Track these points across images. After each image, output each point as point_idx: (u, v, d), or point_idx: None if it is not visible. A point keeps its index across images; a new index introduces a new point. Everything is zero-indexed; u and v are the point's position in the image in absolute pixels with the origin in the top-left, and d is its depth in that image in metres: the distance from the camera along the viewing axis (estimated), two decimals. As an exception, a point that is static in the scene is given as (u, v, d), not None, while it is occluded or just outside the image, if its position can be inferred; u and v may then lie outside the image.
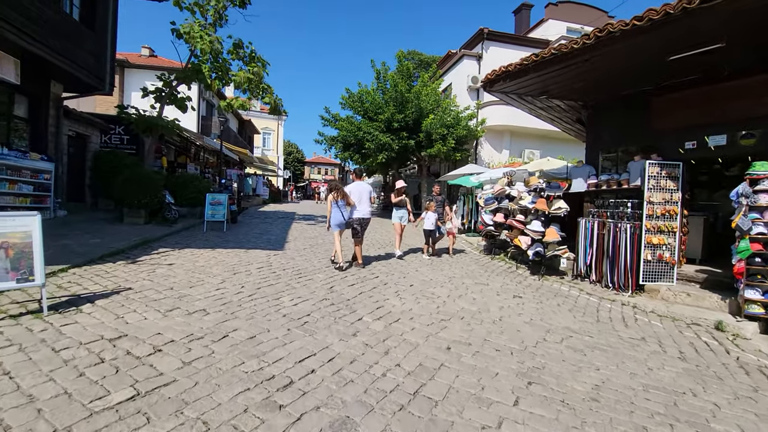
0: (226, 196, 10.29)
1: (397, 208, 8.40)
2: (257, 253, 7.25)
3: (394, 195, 8.44)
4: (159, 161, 15.12)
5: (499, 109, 16.66)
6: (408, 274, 6.64)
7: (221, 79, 10.50)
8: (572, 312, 5.25)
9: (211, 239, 8.65)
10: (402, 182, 8.48)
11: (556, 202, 7.32)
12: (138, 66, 19.54)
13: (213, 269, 5.77)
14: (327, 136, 17.08)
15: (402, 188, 8.34)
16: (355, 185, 7.09)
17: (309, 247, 8.47)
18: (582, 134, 10.75)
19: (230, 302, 4.30)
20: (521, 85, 7.22)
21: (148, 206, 9.69)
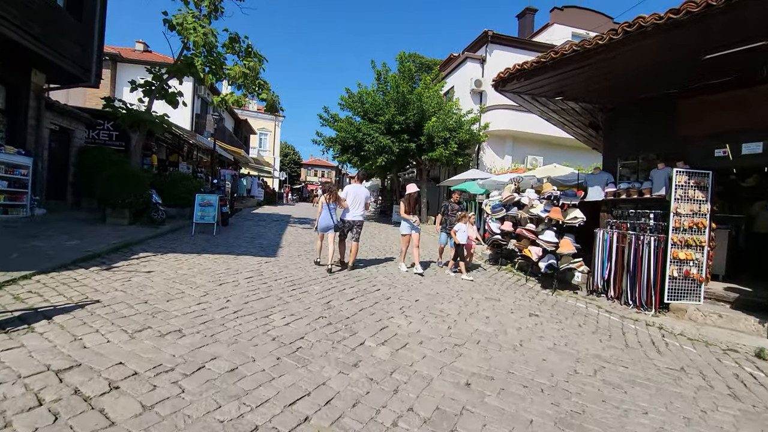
0: (216, 197, 9.70)
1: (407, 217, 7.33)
2: (247, 260, 6.66)
3: (405, 203, 7.19)
4: (149, 159, 14.52)
5: (502, 113, 16.24)
6: (412, 286, 6.08)
7: (215, 74, 9.93)
8: (597, 335, 4.72)
9: (199, 243, 8.05)
10: (414, 186, 7.34)
11: (572, 212, 6.81)
12: (131, 60, 18.91)
13: (196, 278, 5.17)
14: (325, 137, 16.54)
15: (415, 194, 7.24)
16: (352, 187, 6.95)
17: (304, 254, 7.88)
18: (592, 140, 10.31)
19: (212, 320, 3.71)
20: (536, 85, 6.73)
21: (132, 206, 9.06)
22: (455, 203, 7.87)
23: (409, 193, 7.23)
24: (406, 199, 7.20)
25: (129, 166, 9.31)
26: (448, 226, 7.69)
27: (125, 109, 9.43)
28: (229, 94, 9.96)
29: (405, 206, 7.19)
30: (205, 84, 9.76)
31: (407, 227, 7.25)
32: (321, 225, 6.59)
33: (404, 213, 7.20)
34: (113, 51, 19.28)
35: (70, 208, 11.01)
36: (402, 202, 7.25)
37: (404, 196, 7.31)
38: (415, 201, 7.28)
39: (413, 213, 7.28)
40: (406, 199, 7.21)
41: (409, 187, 7.35)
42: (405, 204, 7.19)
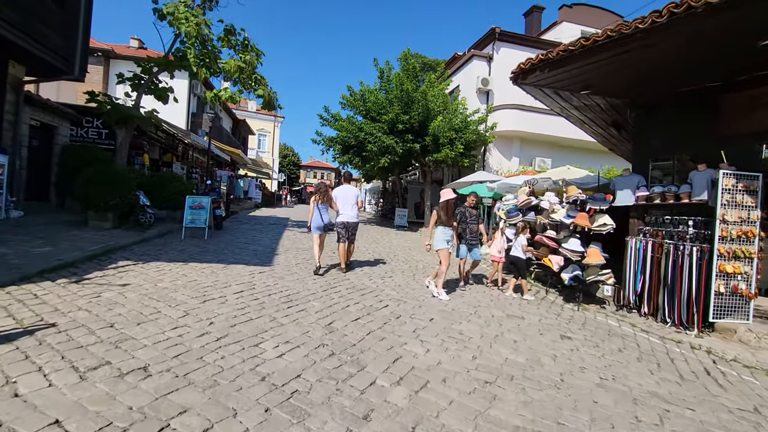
0: (208, 199, 9.02)
1: (443, 228, 5.99)
2: (239, 270, 5.97)
3: (441, 212, 5.96)
4: (140, 158, 13.86)
5: (510, 113, 15.61)
6: (424, 302, 5.40)
7: (209, 68, 9.27)
8: (643, 363, 4.04)
9: (187, 249, 7.36)
10: (451, 192, 6.09)
11: (600, 218, 6.15)
12: (124, 57, 18.23)
13: (178, 294, 4.48)
14: (325, 137, 15.86)
15: (453, 201, 6.07)
16: (341, 189, 6.87)
17: (302, 262, 7.20)
18: (612, 140, 9.69)
19: (188, 352, 3.03)
20: (561, 77, 6.09)
21: (117, 208, 8.38)
22: (471, 208, 6.81)
23: (447, 199, 5.97)
24: (443, 207, 5.96)
25: (113, 166, 8.63)
26: (470, 236, 6.59)
27: (110, 103, 8.75)
28: (224, 90, 9.30)
29: (441, 216, 5.96)
30: (199, 78, 9.11)
31: (443, 240, 5.92)
32: (313, 225, 6.58)
33: (434, 224, 6.01)
34: (106, 47, 18.63)
35: (54, 209, 10.31)
36: (436, 211, 6.00)
37: (439, 203, 6.05)
38: (453, 209, 6.13)
39: (451, 224, 6.04)
40: (443, 206, 5.96)
41: (445, 193, 6.09)
42: (441, 213, 5.96)
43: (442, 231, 5.94)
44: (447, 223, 5.88)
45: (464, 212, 6.66)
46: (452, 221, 5.94)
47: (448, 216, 5.88)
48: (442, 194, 6.05)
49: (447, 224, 5.89)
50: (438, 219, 5.93)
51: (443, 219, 5.91)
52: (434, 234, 6.01)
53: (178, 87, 19.62)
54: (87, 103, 9.14)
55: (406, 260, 8.75)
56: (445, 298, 5.60)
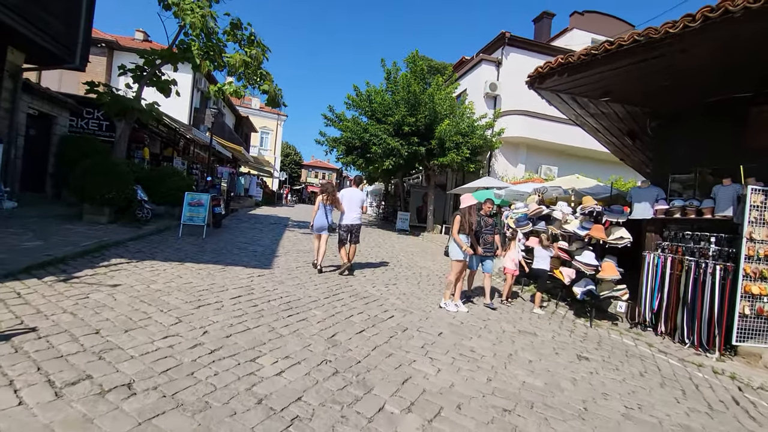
0: (208, 197, 8.75)
1: (466, 237, 5.49)
2: (237, 272, 5.69)
3: (462, 218, 5.43)
4: (140, 152, 13.61)
5: (517, 119, 15.37)
6: (430, 313, 5.12)
7: (213, 61, 9.01)
8: (667, 389, 3.77)
9: (184, 248, 7.08)
10: (471, 198, 5.64)
11: (617, 231, 5.88)
12: (129, 49, 17.97)
13: (171, 297, 4.21)
14: (329, 137, 15.62)
15: (475, 207, 5.64)
16: (348, 191, 6.99)
17: (303, 265, 6.92)
18: (624, 151, 9.43)
19: (178, 366, 2.75)
20: (580, 82, 5.83)
21: (113, 202, 8.11)
22: (487, 216, 6.28)
23: (470, 205, 5.48)
24: (464, 214, 5.45)
25: (111, 158, 8.37)
26: (483, 246, 6.07)
27: (110, 94, 8.49)
28: (228, 84, 9.04)
29: (462, 223, 5.41)
30: (202, 71, 8.86)
31: (460, 251, 5.39)
32: (316, 225, 6.63)
33: (457, 233, 5.39)
34: (110, 38, 18.41)
35: (49, 201, 10.04)
36: (460, 217, 5.42)
37: (461, 209, 5.53)
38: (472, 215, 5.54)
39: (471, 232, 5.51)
40: (464, 213, 5.45)
41: (465, 198, 5.57)
42: (462, 219, 5.41)
43: (464, 239, 5.42)
44: (469, 231, 5.49)
45: (479, 221, 6.12)
46: (472, 229, 5.61)
47: (468, 224, 5.54)
48: (464, 200, 5.62)
49: (468, 232, 5.48)
50: (461, 226, 5.43)
51: (465, 226, 5.45)
52: (461, 241, 5.41)
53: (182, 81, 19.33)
54: (86, 94, 8.89)
55: (409, 266, 8.48)
56: (453, 309, 5.32)
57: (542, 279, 6.34)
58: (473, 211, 5.61)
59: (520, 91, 16.61)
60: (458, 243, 5.36)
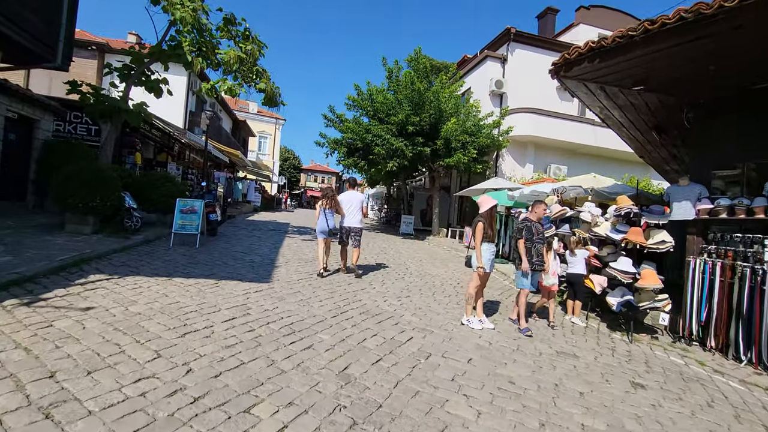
0: (201, 203, 8.12)
1: (488, 244, 4.78)
2: (231, 288, 5.05)
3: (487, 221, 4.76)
4: (132, 157, 12.99)
5: (524, 117, 14.81)
6: (452, 332, 4.48)
7: (206, 58, 8.41)
8: (744, 424, 3.14)
9: (174, 260, 6.44)
10: (491, 199, 4.87)
11: (657, 234, 5.27)
12: (120, 51, 17.35)
13: (152, 323, 3.57)
14: (329, 139, 15.02)
15: (495, 210, 5.00)
16: (347, 194, 6.98)
17: (305, 277, 6.28)
18: (646, 146, 8.82)
19: (148, 427, 2.11)
20: (612, 69, 5.22)
21: (98, 211, 7.47)
22: (538, 223, 5.15)
23: (491, 207, 4.78)
24: (488, 217, 4.77)
25: (95, 164, 7.74)
26: (536, 259, 4.98)
27: (95, 94, 7.87)
28: (222, 81, 8.43)
29: (484, 229, 4.71)
30: (194, 69, 8.25)
31: (488, 259, 4.74)
32: (318, 230, 6.72)
33: (479, 241, 4.67)
34: (101, 41, 17.85)
35: (30, 211, 9.40)
36: (482, 223, 4.70)
37: (482, 213, 4.78)
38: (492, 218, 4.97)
39: (494, 239, 4.89)
40: (487, 216, 4.77)
41: (485, 200, 4.86)
42: (485, 225, 4.72)
43: (486, 248, 4.76)
44: (491, 238, 4.83)
45: (530, 227, 5.01)
46: (494, 234, 4.96)
47: (492, 228, 4.90)
48: (483, 201, 4.89)
49: (491, 239, 4.83)
50: (484, 233, 4.71)
51: (489, 232, 4.77)
52: (482, 252, 4.72)
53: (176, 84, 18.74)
54: (68, 94, 8.26)
55: (419, 274, 7.85)
56: (478, 327, 4.68)
57: (579, 286, 5.71)
58: (494, 215, 5.00)
59: (527, 88, 16.19)
60: (477, 255, 4.71)
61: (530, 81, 15.73)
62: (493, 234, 4.86)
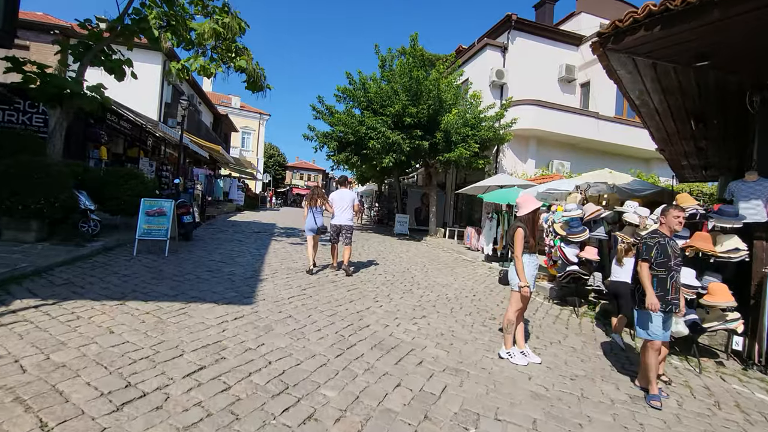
0: (172, 204, 6.91)
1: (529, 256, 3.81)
2: (202, 314, 3.92)
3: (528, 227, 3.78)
4: (96, 151, 11.62)
5: (526, 110, 13.90)
6: (492, 371, 3.46)
7: (176, 33, 7.17)
8: None
9: (135, 274, 5.25)
10: (534, 199, 3.92)
11: (727, 240, 4.35)
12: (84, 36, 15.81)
13: (78, 383, 2.43)
14: (318, 132, 13.85)
15: (538, 213, 3.97)
16: (338, 193, 6.97)
17: (298, 294, 5.17)
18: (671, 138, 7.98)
19: None
20: (673, 41, 4.26)
21: (43, 214, 6.20)
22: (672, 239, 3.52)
23: (535, 209, 3.83)
24: (528, 222, 3.80)
25: (39, 157, 6.45)
26: (672, 296, 3.35)
27: (40, 74, 6.56)
28: (194, 57, 7.18)
29: (526, 238, 3.71)
30: (162, 46, 7.02)
31: (531, 275, 3.77)
32: (307, 227, 6.77)
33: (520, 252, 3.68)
34: (65, 24, 16.17)
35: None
36: (520, 230, 3.69)
37: (521, 216, 3.83)
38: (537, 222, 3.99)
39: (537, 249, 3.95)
40: (528, 220, 3.81)
41: (526, 201, 3.87)
42: (526, 233, 3.72)
43: (528, 261, 3.78)
44: (534, 248, 3.82)
45: (664, 245, 3.40)
46: (536, 244, 3.93)
47: (535, 236, 3.88)
48: (524, 202, 3.84)
49: (533, 249, 3.82)
50: (526, 242, 3.69)
51: (531, 241, 3.76)
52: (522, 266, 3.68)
53: (150, 73, 17.25)
54: (5, 73, 6.90)
55: (428, 285, 6.82)
56: (522, 362, 3.67)
57: (626, 298, 4.76)
58: (538, 219, 4.01)
59: (528, 78, 15.31)
60: (518, 270, 3.68)
61: (532, 71, 14.89)
62: (535, 243, 3.85)
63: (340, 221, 6.75)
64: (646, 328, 3.36)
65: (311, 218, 6.68)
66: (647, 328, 3.34)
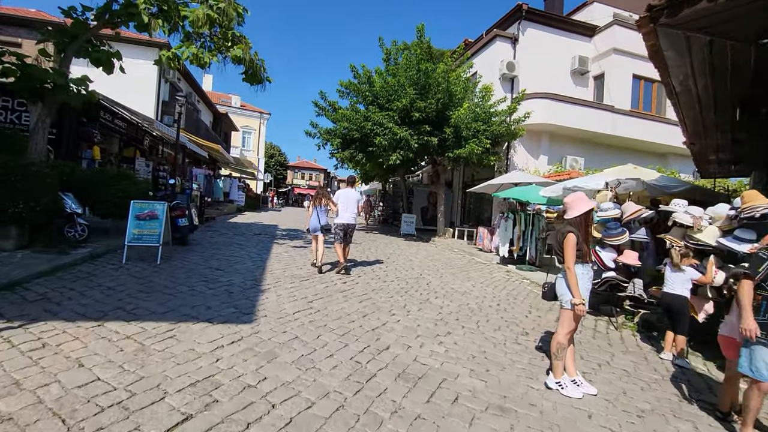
0: (164, 206, 6.32)
1: (582, 267, 3.20)
2: (194, 338, 3.33)
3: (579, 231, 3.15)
4: (89, 151, 11.04)
5: (539, 103, 13.24)
6: (543, 408, 2.86)
7: (168, 19, 6.57)
8: None
9: (121, 286, 4.66)
10: (585, 200, 3.27)
11: (806, 243, 3.73)
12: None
13: (21, 448, 1.85)
14: (321, 128, 13.25)
15: (591, 215, 3.35)
16: (343, 192, 6.93)
17: (305, 308, 4.57)
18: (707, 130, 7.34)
19: None
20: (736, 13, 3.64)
21: (22, 219, 5.63)
22: None
23: (588, 210, 3.18)
24: (580, 225, 3.17)
25: (20, 157, 5.87)
26: None
27: (19, 65, 5.98)
28: (186, 46, 6.56)
29: (578, 244, 3.09)
30: (150, 31, 6.41)
31: (584, 285, 3.15)
32: (311, 226, 6.84)
33: (572, 262, 3.07)
34: (57, 21, 15.60)
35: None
36: (571, 235, 3.07)
37: (570, 218, 3.19)
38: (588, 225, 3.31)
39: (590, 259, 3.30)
40: (579, 224, 3.17)
41: (577, 201, 3.23)
42: (578, 237, 3.09)
43: (582, 272, 3.15)
44: (587, 257, 3.19)
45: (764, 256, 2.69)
46: (590, 251, 3.31)
47: (587, 242, 3.24)
48: (574, 202, 3.20)
49: (586, 258, 3.19)
50: (578, 249, 3.07)
51: (584, 248, 3.11)
52: (575, 278, 3.05)
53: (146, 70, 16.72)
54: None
55: (445, 293, 6.22)
56: (577, 395, 3.06)
57: (682, 314, 4.15)
58: (590, 222, 3.39)
59: (540, 71, 14.66)
60: (571, 283, 3.06)
61: (543, 63, 14.25)
62: (588, 250, 3.23)
63: (347, 221, 6.72)
64: (759, 364, 2.59)
65: (315, 217, 6.77)
66: (759, 363, 2.59)
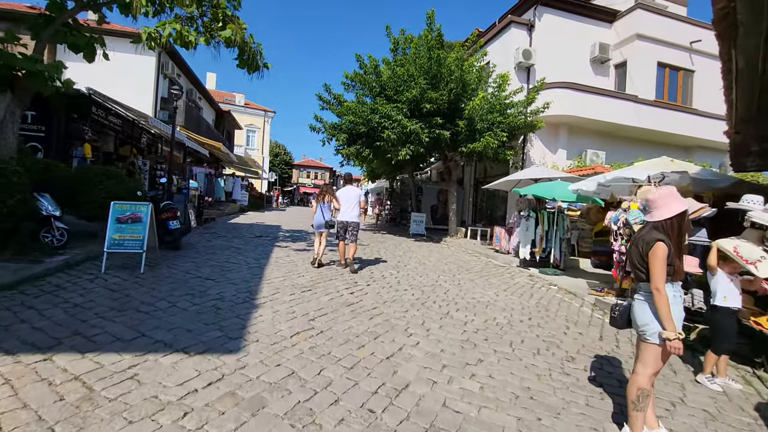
0: (148, 208, 5.62)
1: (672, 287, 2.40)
2: (159, 378, 2.61)
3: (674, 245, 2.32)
4: (80, 149, 10.41)
5: (558, 94, 12.35)
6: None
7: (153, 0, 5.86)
8: None
9: (90, 303, 3.96)
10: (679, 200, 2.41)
11: None
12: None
13: None
14: (326, 123, 12.52)
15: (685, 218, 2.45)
16: (344, 190, 7.01)
17: (305, 330, 3.83)
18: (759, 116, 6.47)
19: None
20: None
21: (-12, 224, 4.97)
22: None
23: (681, 213, 2.36)
24: (672, 230, 2.36)
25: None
26: None
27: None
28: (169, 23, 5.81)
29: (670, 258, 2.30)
30: (134, 12, 5.71)
31: (680, 318, 2.40)
32: (315, 223, 6.91)
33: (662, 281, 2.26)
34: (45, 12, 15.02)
35: None
36: (661, 244, 2.27)
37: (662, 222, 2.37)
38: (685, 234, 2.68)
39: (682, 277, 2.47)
40: (672, 229, 2.36)
41: (668, 197, 2.39)
42: (669, 247, 2.29)
43: (673, 294, 2.37)
44: (680, 275, 2.39)
45: None
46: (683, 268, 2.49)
47: (681, 257, 2.41)
48: (661, 200, 2.38)
49: (678, 276, 2.39)
50: (671, 265, 2.30)
51: (675, 263, 2.33)
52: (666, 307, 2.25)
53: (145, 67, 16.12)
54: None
55: (467, 304, 5.45)
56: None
57: (727, 331, 3.35)
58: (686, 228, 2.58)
59: (557, 59, 13.77)
60: (662, 310, 2.24)
61: (561, 51, 13.36)
62: (682, 266, 2.42)
63: (347, 218, 6.82)
64: None
65: (319, 214, 6.84)
66: None
